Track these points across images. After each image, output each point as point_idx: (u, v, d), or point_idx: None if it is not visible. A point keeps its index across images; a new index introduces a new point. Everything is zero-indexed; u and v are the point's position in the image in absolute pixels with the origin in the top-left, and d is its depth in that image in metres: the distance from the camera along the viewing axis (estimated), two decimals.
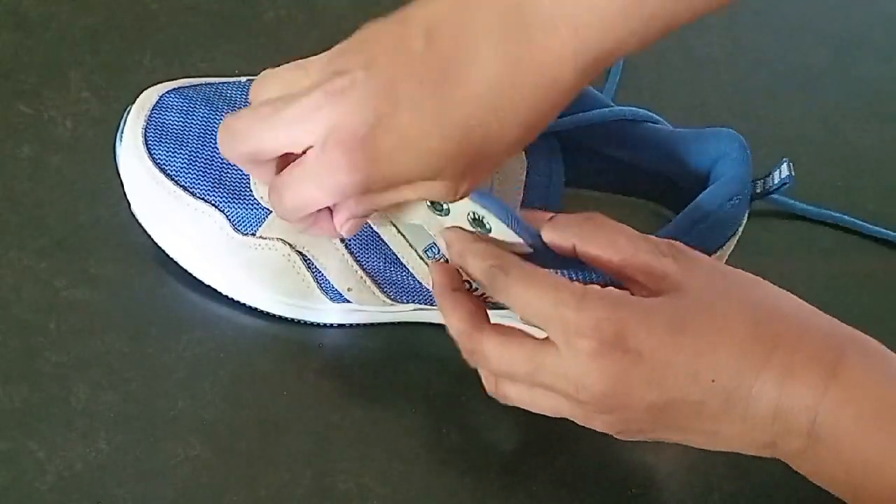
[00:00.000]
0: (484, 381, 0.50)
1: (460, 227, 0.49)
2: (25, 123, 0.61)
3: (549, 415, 0.48)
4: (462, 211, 0.48)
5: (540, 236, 0.48)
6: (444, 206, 0.48)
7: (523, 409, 0.49)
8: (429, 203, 0.48)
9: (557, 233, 0.48)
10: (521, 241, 0.48)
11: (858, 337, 0.46)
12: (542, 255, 0.48)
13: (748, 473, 0.54)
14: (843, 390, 0.44)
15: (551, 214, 0.50)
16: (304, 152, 0.45)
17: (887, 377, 0.45)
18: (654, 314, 0.45)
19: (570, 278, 0.48)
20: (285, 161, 0.46)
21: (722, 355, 0.44)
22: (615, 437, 0.48)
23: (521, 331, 0.47)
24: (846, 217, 0.63)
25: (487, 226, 0.48)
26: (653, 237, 0.48)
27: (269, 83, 0.47)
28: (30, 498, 0.50)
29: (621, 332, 0.44)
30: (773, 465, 0.45)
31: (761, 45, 0.70)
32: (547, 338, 0.46)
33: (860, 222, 0.63)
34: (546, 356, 0.46)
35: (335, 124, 0.43)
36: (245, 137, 0.46)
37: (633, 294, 0.46)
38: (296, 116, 0.44)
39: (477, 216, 0.48)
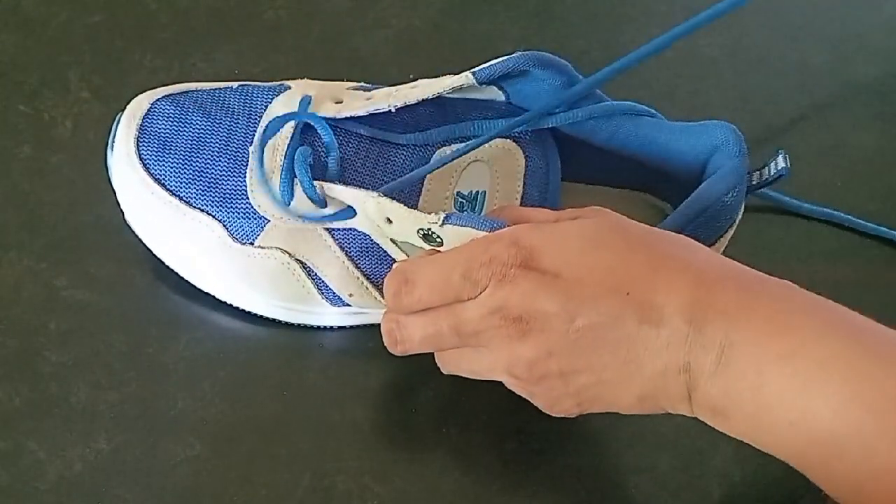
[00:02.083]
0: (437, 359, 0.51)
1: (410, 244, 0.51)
2: (25, 123, 0.61)
3: (486, 376, 0.49)
4: (455, 242, 0.49)
5: None
6: (438, 238, 0.49)
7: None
8: (422, 233, 0.49)
9: None
10: None
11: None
12: None
13: (748, 473, 0.54)
14: (754, 299, 0.44)
15: (549, 211, 0.50)
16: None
17: (800, 298, 0.45)
18: (566, 235, 0.46)
19: None
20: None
21: (635, 270, 0.45)
22: (543, 408, 0.48)
23: None
24: (846, 217, 0.63)
25: (438, 239, 0.49)
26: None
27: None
28: (30, 498, 0.50)
29: (535, 255, 0.45)
30: (773, 464, 0.45)
31: (761, 44, 0.70)
32: None
33: (860, 222, 0.63)
34: (464, 306, 0.47)
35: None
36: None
37: None
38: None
39: (427, 231, 0.49)
